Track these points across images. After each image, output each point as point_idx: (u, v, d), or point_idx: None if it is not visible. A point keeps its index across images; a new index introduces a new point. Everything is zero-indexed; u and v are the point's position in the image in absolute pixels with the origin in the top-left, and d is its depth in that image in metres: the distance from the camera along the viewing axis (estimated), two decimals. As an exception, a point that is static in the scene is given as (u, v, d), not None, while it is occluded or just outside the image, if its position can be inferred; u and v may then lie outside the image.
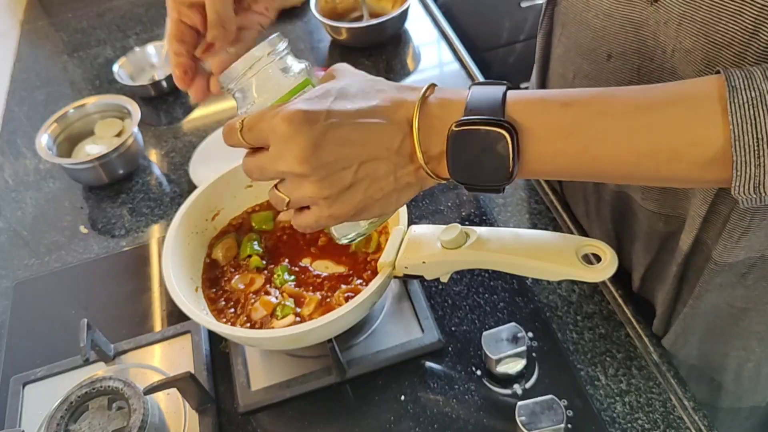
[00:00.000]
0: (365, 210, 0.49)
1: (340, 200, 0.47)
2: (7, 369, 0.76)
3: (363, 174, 0.47)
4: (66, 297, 0.84)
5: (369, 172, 0.47)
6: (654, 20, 0.52)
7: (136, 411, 0.62)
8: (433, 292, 0.76)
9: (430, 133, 0.46)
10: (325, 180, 0.46)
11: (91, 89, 1.22)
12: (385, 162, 0.47)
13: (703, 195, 0.55)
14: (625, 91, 0.44)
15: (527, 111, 0.45)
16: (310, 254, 0.72)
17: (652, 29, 0.53)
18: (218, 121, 1.08)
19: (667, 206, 0.62)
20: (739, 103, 0.39)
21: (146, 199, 0.97)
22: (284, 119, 0.45)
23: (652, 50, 0.54)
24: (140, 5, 1.45)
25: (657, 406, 0.63)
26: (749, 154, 0.40)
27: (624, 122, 0.43)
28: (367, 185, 0.47)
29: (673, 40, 0.50)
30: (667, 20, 0.50)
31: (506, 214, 0.84)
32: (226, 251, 0.73)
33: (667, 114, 0.42)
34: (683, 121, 0.42)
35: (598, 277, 0.52)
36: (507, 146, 0.44)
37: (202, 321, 0.61)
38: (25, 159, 1.09)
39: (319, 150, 0.45)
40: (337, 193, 0.47)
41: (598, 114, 0.44)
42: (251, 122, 0.48)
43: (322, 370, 0.69)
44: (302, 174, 0.46)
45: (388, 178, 0.48)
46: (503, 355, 0.63)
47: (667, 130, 0.42)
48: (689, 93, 0.42)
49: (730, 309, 0.63)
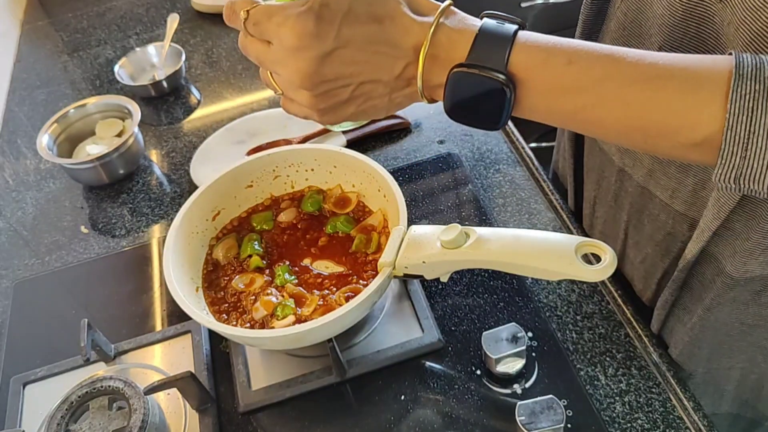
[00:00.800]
0: (353, 118, 0.51)
1: (332, 111, 0.49)
2: (7, 369, 0.76)
3: (359, 92, 0.48)
4: (66, 297, 0.85)
5: (366, 91, 0.48)
6: (720, 18, 0.50)
7: (136, 411, 0.62)
8: (433, 292, 0.76)
9: (433, 64, 0.46)
10: (322, 95, 0.47)
11: (91, 89, 1.22)
12: (384, 84, 0.48)
13: (717, 208, 0.54)
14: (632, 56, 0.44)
15: (530, 63, 0.45)
16: (310, 254, 0.72)
17: (716, 28, 0.51)
18: (218, 121, 1.08)
19: (695, 209, 0.61)
20: (741, 93, 0.39)
21: (147, 199, 0.97)
22: (293, 30, 0.45)
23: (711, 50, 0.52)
24: (140, 5, 1.45)
25: (656, 406, 0.63)
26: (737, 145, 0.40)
27: (623, 92, 0.43)
28: (361, 102, 0.49)
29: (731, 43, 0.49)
30: (730, 22, 0.49)
31: (506, 214, 0.84)
32: (227, 251, 0.73)
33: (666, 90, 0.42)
34: (681, 101, 0.41)
35: (598, 277, 0.52)
36: (503, 98, 0.45)
37: (202, 321, 0.61)
38: (26, 159, 1.09)
39: (322, 67, 0.46)
40: (332, 106, 0.48)
41: (600, 79, 0.44)
42: (258, 17, 0.47)
43: (323, 370, 0.69)
44: (300, 85, 0.47)
45: (383, 98, 0.49)
46: (503, 354, 0.63)
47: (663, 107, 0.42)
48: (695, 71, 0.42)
49: (741, 326, 0.63)
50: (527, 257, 0.55)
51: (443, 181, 0.90)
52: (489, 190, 0.88)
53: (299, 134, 0.97)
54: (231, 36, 1.29)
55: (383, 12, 0.46)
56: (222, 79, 1.18)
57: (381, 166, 0.71)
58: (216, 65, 1.22)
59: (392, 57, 0.46)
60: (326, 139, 0.96)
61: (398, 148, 0.97)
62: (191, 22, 1.35)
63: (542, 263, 0.54)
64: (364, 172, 0.73)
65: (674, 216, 0.63)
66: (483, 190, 0.88)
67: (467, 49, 0.45)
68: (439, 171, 0.91)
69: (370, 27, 0.46)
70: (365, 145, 0.97)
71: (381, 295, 0.64)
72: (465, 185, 0.89)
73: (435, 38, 0.46)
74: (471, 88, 0.45)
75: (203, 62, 1.23)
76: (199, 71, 1.21)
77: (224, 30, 1.31)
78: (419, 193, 0.89)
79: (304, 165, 0.77)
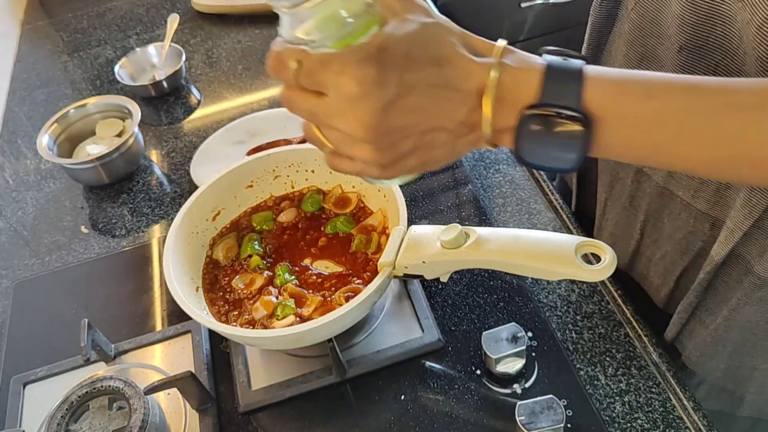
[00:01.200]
0: (414, 171, 0.48)
1: (393, 165, 0.46)
2: (7, 369, 0.76)
3: (422, 142, 0.45)
4: (66, 297, 0.85)
5: (429, 141, 0.45)
6: (741, 17, 0.49)
7: (136, 411, 0.62)
8: (433, 292, 0.76)
9: (499, 107, 0.44)
10: (384, 149, 0.44)
11: (91, 89, 1.22)
12: (447, 132, 0.45)
13: (749, 209, 0.53)
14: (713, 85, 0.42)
15: (605, 99, 0.43)
16: (310, 254, 0.72)
17: (739, 26, 0.49)
18: (218, 121, 1.08)
19: (718, 208, 0.60)
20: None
21: (147, 199, 0.97)
22: (354, 78, 0.41)
23: (735, 49, 0.50)
24: (140, 5, 1.45)
25: (656, 406, 0.63)
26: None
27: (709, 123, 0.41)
28: (423, 152, 0.46)
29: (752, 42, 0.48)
30: (750, 20, 0.48)
31: (506, 214, 0.84)
32: (227, 251, 0.73)
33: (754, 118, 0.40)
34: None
35: (598, 277, 0.52)
36: (579, 138, 0.43)
37: (202, 321, 0.61)
38: (26, 159, 1.09)
39: (386, 117, 0.42)
40: (394, 159, 0.45)
41: (683, 111, 0.41)
42: (313, 67, 0.43)
43: (323, 370, 0.69)
44: (362, 138, 0.43)
45: (446, 146, 0.46)
46: (503, 354, 0.63)
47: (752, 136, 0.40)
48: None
49: (766, 324, 0.62)
50: (527, 257, 0.55)
51: (443, 181, 0.90)
52: (489, 190, 0.88)
53: (299, 134, 0.97)
54: (231, 36, 1.29)
55: (441, 54, 0.43)
56: (222, 79, 1.18)
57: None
58: (216, 65, 1.22)
59: (455, 102, 0.44)
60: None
61: (398, 148, 0.97)
62: (191, 22, 1.35)
63: (542, 263, 0.54)
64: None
65: (696, 215, 0.63)
66: (483, 190, 0.88)
67: (536, 88, 0.43)
68: (438, 171, 0.91)
69: (431, 71, 0.43)
70: (365, 145, 0.97)
71: (381, 295, 0.64)
72: (465, 185, 0.89)
73: (499, 79, 0.43)
74: (545, 130, 0.43)
75: (203, 62, 1.23)
76: (199, 71, 1.21)
77: (224, 30, 1.31)
78: (419, 193, 0.89)
79: (304, 165, 0.78)
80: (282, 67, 0.44)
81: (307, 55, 0.43)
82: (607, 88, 0.43)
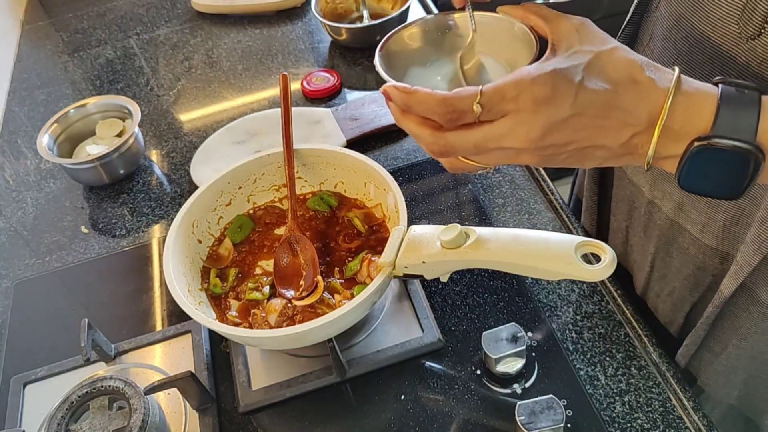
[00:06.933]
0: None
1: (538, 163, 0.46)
2: (7, 369, 0.76)
3: (579, 154, 0.45)
4: (66, 297, 0.85)
5: (585, 154, 0.45)
6: (747, 57, 0.49)
7: (136, 411, 0.62)
8: (433, 292, 0.76)
9: (666, 136, 0.43)
10: (543, 157, 0.45)
11: (91, 89, 1.22)
12: (606, 150, 0.45)
13: (757, 244, 0.53)
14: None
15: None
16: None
17: (742, 68, 0.50)
18: (218, 121, 1.08)
19: (727, 243, 0.60)
20: None
21: (147, 199, 0.97)
22: (531, 97, 0.42)
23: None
24: (140, 5, 1.45)
25: (656, 406, 0.63)
26: None
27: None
28: (573, 161, 0.46)
29: None
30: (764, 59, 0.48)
31: (506, 214, 0.84)
32: (227, 251, 0.73)
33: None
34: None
35: (598, 277, 0.52)
36: (750, 169, 0.42)
37: (202, 321, 0.61)
38: (26, 159, 1.09)
39: (555, 133, 0.43)
40: (545, 163, 0.46)
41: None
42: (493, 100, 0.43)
43: (323, 370, 0.69)
44: (526, 149, 0.44)
45: (597, 160, 0.46)
46: (503, 354, 0.63)
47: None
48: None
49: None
50: (527, 257, 0.55)
51: (443, 181, 0.90)
52: (489, 190, 0.88)
53: (299, 134, 0.97)
54: (231, 36, 1.29)
55: (618, 77, 0.43)
56: (222, 79, 1.18)
57: (381, 166, 0.71)
58: (216, 65, 1.22)
59: (623, 124, 0.43)
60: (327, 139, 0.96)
61: (398, 148, 0.97)
62: (191, 22, 1.35)
63: (542, 263, 0.54)
64: (364, 172, 0.73)
65: (705, 250, 0.63)
66: (483, 190, 0.88)
67: (709, 120, 0.42)
68: (439, 171, 0.91)
69: (605, 93, 0.43)
70: (365, 145, 0.97)
71: (381, 295, 0.64)
72: (465, 185, 0.89)
73: (671, 108, 0.42)
74: (715, 161, 0.42)
75: (203, 62, 1.23)
76: (199, 71, 1.21)
77: (224, 30, 1.31)
78: (419, 193, 0.89)
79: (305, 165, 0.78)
80: (460, 114, 0.45)
81: (482, 93, 0.44)
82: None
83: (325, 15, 1.18)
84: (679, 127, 0.43)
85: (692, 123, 0.42)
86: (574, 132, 0.43)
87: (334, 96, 1.08)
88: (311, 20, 1.29)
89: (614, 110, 0.43)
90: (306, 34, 1.26)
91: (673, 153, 0.44)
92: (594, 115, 0.43)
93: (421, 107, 0.46)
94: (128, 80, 1.22)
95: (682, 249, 0.66)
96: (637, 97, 0.43)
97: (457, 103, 0.44)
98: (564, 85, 0.42)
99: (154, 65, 1.25)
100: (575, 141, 0.44)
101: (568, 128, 0.43)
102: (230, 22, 1.33)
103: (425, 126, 0.47)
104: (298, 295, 0.67)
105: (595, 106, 0.43)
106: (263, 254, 0.74)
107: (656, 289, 0.74)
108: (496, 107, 0.44)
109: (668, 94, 0.42)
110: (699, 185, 0.45)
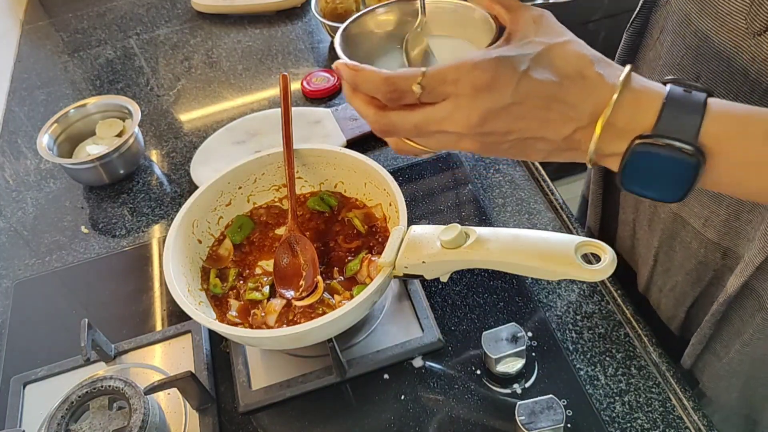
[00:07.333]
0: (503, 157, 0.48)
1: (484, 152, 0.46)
2: (7, 369, 0.76)
3: (521, 145, 0.45)
4: (66, 297, 0.85)
5: (527, 145, 0.45)
6: (752, 54, 0.49)
7: (136, 411, 0.62)
8: (433, 291, 0.76)
9: (609, 132, 0.43)
10: (485, 144, 0.45)
11: (91, 89, 1.22)
12: (547, 142, 0.45)
13: (762, 244, 0.53)
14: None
15: (723, 135, 0.41)
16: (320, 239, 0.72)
17: (748, 63, 0.49)
18: (218, 121, 1.08)
19: (728, 239, 0.60)
20: None
21: (147, 199, 0.97)
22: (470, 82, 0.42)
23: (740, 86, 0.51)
24: (140, 5, 1.45)
25: (656, 406, 0.63)
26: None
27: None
28: (516, 152, 0.46)
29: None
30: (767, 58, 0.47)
31: (506, 214, 0.84)
32: (227, 251, 0.73)
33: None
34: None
35: (598, 277, 0.52)
36: (690, 171, 0.41)
37: (202, 321, 0.61)
38: (26, 159, 1.09)
39: (494, 120, 0.43)
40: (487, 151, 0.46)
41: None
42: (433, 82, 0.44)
43: (323, 370, 0.69)
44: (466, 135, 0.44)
45: (540, 153, 0.46)
46: (503, 354, 0.63)
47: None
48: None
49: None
50: (527, 257, 0.55)
51: (443, 181, 0.90)
52: (489, 190, 0.88)
53: (299, 134, 0.97)
54: (231, 36, 1.29)
55: (566, 71, 0.43)
56: (222, 79, 1.18)
57: (381, 166, 0.71)
58: (216, 65, 1.22)
59: (565, 117, 0.43)
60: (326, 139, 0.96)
61: (398, 148, 0.97)
62: (191, 22, 1.35)
63: (542, 263, 0.54)
64: (364, 172, 0.73)
65: (707, 245, 0.63)
66: (483, 190, 0.88)
67: (652, 119, 0.42)
68: (438, 171, 0.91)
69: (549, 84, 0.42)
70: (365, 145, 0.97)
71: (381, 295, 0.64)
72: (465, 185, 0.89)
73: (617, 105, 0.42)
74: (655, 161, 0.42)
75: (203, 62, 1.23)
76: (199, 71, 1.21)
77: (224, 30, 1.31)
78: (419, 193, 0.89)
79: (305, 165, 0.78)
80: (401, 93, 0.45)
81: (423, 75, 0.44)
82: (728, 124, 0.41)
83: (325, 15, 1.18)
84: (624, 124, 0.42)
85: (637, 121, 0.42)
86: (514, 121, 0.43)
87: (334, 96, 1.08)
88: (311, 20, 1.29)
89: (557, 103, 0.43)
90: (306, 34, 1.26)
91: (616, 151, 0.43)
92: (535, 105, 0.43)
93: (366, 85, 0.46)
94: (128, 80, 1.22)
95: (684, 243, 0.66)
96: (583, 92, 0.43)
97: (399, 83, 0.44)
98: (506, 72, 0.42)
99: (154, 65, 1.25)
100: (516, 131, 0.44)
101: (508, 116, 0.43)
102: (230, 22, 1.33)
103: (371, 105, 0.47)
104: (298, 295, 0.67)
105: (538, 97, 0.43)
106: (263, 254, 0.74)
107: (659, 284, 0.74)
108: (436, 90, 0.44)
109: (615, 90, 0.42)
110: (640, 185, 0.44)
